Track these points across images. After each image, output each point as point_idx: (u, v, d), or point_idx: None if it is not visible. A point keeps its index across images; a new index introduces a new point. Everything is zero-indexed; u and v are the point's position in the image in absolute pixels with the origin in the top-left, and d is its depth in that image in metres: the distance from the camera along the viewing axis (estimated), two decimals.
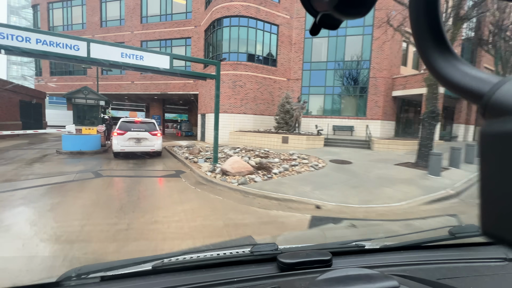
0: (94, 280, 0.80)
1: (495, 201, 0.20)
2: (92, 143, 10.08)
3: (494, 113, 0.21)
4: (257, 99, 15.72)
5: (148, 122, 10.04)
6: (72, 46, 5.62)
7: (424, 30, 0.28)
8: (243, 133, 13.48)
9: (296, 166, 7.20)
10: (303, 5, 0.35)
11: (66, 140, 9.60)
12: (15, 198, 4.43)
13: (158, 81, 20.04)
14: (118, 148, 8.85)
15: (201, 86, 17.96)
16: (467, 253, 1.01)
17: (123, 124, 9.20)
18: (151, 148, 9.30)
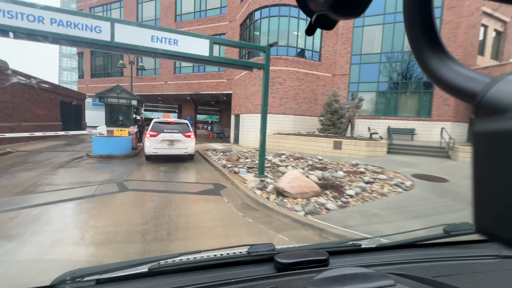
0: (89, 283, 0.77)
1: (488, 199, 0.21)
2: (122, 146, 9.21)
3: (486, 112, 0.22)
4: (298, 98, 13.93)
5: (181, 123, 8.97)
6: (93, 28, 4.47)
7: (418, 30, 0.28)
8: (284, 137, 11.77)
9: (371, 183, 5.30)
10: (299, 5, 0.36)
11: (96, 142, 8.83)
12: (13, 224, 3.30)
13: (191, 81, 19.31)
14: (151, 151, 8.05)
15: (235, 85, 16.70)
16: (461, 251, 1.02)
17: (156, 125, 8.31)
18: (184, 151, 8.43)
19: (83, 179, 5.90)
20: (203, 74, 18.82)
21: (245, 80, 14.94)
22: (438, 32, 0.29)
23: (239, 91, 16.02)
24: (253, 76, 14.13)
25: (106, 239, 2.97)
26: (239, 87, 15.98)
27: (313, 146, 10.64)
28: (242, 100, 15.42)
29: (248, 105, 14.55)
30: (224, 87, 18.11)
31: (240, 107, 15.80)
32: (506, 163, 0.19)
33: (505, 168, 0.19)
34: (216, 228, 3.44)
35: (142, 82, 21.50)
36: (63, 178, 5.87)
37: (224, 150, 10.03)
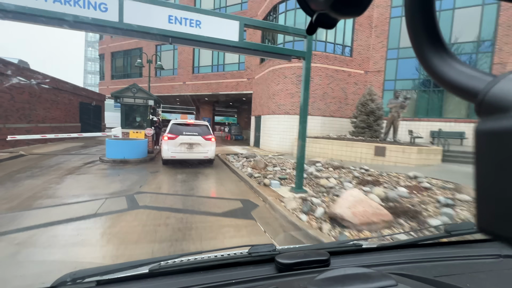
0: (89, 284, 0.76)
1: (490, 199, 0.21)
2: (137, 150, 8.41)
3: (488, 110, 0.22)
4: (327, 97, 12.59)
5: (201, 124, 8.18)
6: (98, 6, 3.55)
7: (419, 28, 0.28)
8: (313, 140, 10.49)
9: (453, 206, 3.95)
10: (299, 4, 0.36)
11: (109, 146, 8.09)
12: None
13: (209, 81, 18.55)
14: (168, 155, 7.45)
15: (256, 85, 15.66)
16: (463, 251, 1.01)
17: (175, 127, 7.69)
18: (204, 156, 7.78)
19: (90, 190, 5.04)
20: (223, 74, 17.97)
21: (267, 78, 13.84)
22: (440, 30, 0.28)
23: (261, 90, 14.95)
24: (277, 73, 13.01)
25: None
26: (261, 87, 14.91)
27: (348, 152, 9.28)
28: (264, 100, 14.33)
29: (271, 106, 13.42)
30: (244, 86, 17.13)
31: (261, 108, 14.72)
32: (509, 162, 0.19)
33: (508, 167, 0.19)
34: None
35: (161, 83, 21.10)
36: (68, 189, 5.05)
37: (247, 156, 8.95)
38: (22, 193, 4.68)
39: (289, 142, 12.62)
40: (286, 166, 7.41)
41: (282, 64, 12.79)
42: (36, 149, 9.83)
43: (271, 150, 13.38)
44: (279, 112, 12.93)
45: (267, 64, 13.99)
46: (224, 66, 18.10)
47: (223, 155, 10.57)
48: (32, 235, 3.03)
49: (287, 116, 12.69)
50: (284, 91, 12.74)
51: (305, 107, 4.96)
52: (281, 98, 12.86)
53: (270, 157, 9.25)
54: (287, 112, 12.69)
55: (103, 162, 7.96)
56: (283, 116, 12.82)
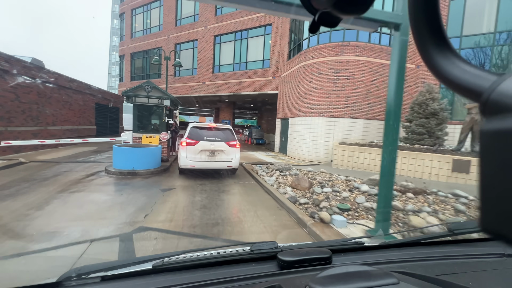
0: (94, 280, 0.77)
1: (494, 198, 0.21)
2: (149, 158, 7.00)
3: (493, 110, 0.21)
4: (371, 97, 10.58)
5: (224, 128, 6.95)
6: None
7: (423, 27, 0.28)
8: (360, 149, 8.50)
9: None
10: (302, 3, 0.35)
11: (116, 154, 6.75)
12: None
13: (231, 80, 17.12)
14: (187, 164, 6.39)
15: (283, 83, 13.94)
16: (465, 249, 1.00)
17: (194, 131, 6.59)
18: (227, 165, 6.66)
19: (76, 222, 3.58)
20: (245, 72, 16.46)
21: (297, 76, 12.08)
22: (444, 29, 0.28)
23: (289, 90, 13.21)
24: (310, 69, 11.21)
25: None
26: (289, 85, 13.17)
27: (411, 165, 7.25)
28: (292, 100, 12.57)
29: (301, 107, 11.63)
30: (269, 86, 15.48)
31: (289, 110, 12.96)
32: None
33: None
34: None
35: (179, 83, 20.06)
36: (47, 219, 3.63)
37: (280, 168, 7.21)
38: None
39: (324, 149, 10.74)
40: (337, 185, 5.59)
41: (315, 59, 10.98)
42: (41, 155, 8.81)
43: (301, 157, 11.57)
44: (312, 114, 11.10)
45: (297, 59, 12.24)
46: (247, 64, 16.59)
47: (248, 165, 8.93)
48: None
49: (322, 119, 10.82)
50: (318, 90, 10.90)
51: (397, 106, 3.13)
52: (314, 98, 11.03)
53: (308, 170, 7.44)
54: (321, 114, 10.84)
55: (108, 173, 6.62)
56: (316, 119, 10.98)
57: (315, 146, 11.05)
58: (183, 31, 19.66)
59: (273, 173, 6.97)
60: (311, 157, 11.17)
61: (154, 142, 8.55)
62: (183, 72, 20.05)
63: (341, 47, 10.41)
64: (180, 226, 3.62)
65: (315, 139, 11.03)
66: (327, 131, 10.74)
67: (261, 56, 15.95)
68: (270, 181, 6.13)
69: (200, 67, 18.73)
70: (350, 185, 5.49)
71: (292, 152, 12.46)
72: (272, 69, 15.31)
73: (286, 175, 6.58)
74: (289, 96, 13.12)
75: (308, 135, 11.30)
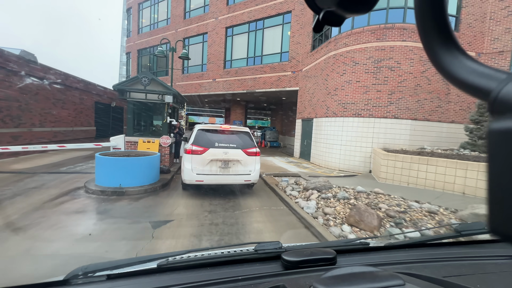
0: (100, 278, 0.78)
1: (503, 199, 0.20)
2: (142, 171, 5.28)
3: (502, 109, 0.21)
4: (420, 92, 8.50)
5: (240, 131, 5.40)
6: None
7: (430, 25, 0.27)
8: (423, 159, 6.38)
9: None
10: (306, 2, 0.35)
11: (100, 166, 5.07)
12: None
13: (244, 76, 15.34)
14: (192, 179, 4.88)
15: (305, 78, 12.01)
16: (473, 251, 0.98)
17: (202, 134, 5.07)
18: (245, 179, 5.16)
19: None
20: (260, 67, 14.64)
21: (325, 68, 10.14)
22: (451, 28, 0.28)
23: (313, 85, 11.27)
24: (342, 59, 9.26)
25: None
26: (313, 80, 11.23)
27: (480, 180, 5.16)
28: (318, 97, 10.63)
29: (331, 105, 9.68)
30: (287, 82, 13.59)
31: (313, 108, 11.02)
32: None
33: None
34: None
35: (187, 81, 18.48)
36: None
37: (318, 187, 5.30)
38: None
39: (360, 156, 8.74)
40: (419, 220, 3.63)
41: (349, 46, 9.02)
42: (19, 163, 7.29)
43: (329, 166, 9.61)
44: (345, 113, 9.14)
45: (324, 49, 10.29)
46: (262, 58, 14.76)
47: (270, 177, 7.09)
48: None
49: (358, 119, 8.84)
50: (353, 84, 8.93)
51: None
52: (348, 94, 9.06)
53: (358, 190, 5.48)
54: (357, 114, 8.85)
55: (88, 192, 4.93)
56: (350, 119, 9.01)
57: (348, 152, 9.07)
58: (192, 24, 18.08)
59: (309, 194, 5.07)
60: (343, 165, 9.19)
61: (153, 148, 6.85)
62: (191, 69, 18.46)
63: (384, 31, 8.41)
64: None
65: (349, 144, 9.05)
66: (365, 134, 8.75)
67: (278, 49, 14.09)
68: (309, 208, 4.25)
69: (210, 62, 17.06)
70: (441, 222, 3.52)
71: (317, 159, 10.51)
72: (292, 62, 13.41)
73: (329, 199, 4.67)
74: (314, 92, 11.19)
75: (339, 138, 9.34)
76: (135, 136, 6.92)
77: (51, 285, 0.76)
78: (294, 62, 13.31)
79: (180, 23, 18.76)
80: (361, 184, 6.89)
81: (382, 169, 6.93)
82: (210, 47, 16.98)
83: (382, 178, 6.94)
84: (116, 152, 5.83)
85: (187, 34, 18.37)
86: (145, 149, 6.75)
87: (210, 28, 16.92)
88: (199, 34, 17.80)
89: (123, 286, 0.76)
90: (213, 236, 3.34)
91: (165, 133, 7.16)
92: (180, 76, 18.86)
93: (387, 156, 6.85)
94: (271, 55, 14.41)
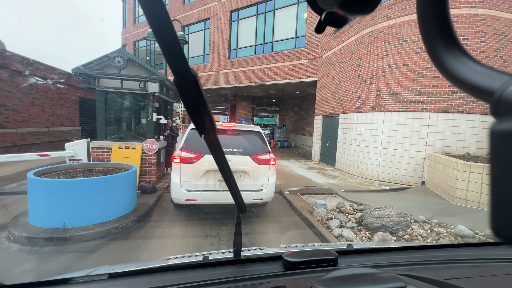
0: (102, 277, 0.78)
1: (506, 201, 0.20)
2: (106, 199, 3.32)
3: (505, 110, 0.21)
4: None
5: (249, 131, 4.07)
6: None
7: (432, 26, 0.27)
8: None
9: None
10: (308, 3, 0.35)
11: (34, 193, 3.08)
12: None
13: (251, 67, 13.29)
14: (182, 197, 3.54)
15: (328, 66, 9.88)
16: (476, 253, 0.97)
17: (196, 135, 3.65)
18: (254, 197, 3.73)
19: None
20: (271, 56, 12.56)
21: (356, 50, 8.02)
22: (453, 28, 0.27)
23: (337, 74, 9.17)
24: (382, 37, 7.16)
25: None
26: (338, 68, 9.12)
27: None
28: (346, 88, 8.53)
29: (365, 96, 7.60)
30: (303, 72, 11.48)
31: (339, 102, 8.93)
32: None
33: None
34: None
35: None
36: None
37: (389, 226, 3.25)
38: None
39: (409, 163, 6.67)
40: None
41: (393, 19, 6.89)
42: None
43: (364, 174, 7.56)
44: (387, 107, 7.05)
45: (356, 27, 8.16)
46: (273, 45, 12.67)
47: (295, 196, 5.08)
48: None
49: (405, 114, 6.75)
50: (399, 69, 6.82)
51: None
52: (391, 82, 6.96)
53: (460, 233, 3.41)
54: (404, 107, 6.76)
55: (10, 239, 2.98)
56: (395, 114, 6.92)
57: (391, 157, 6.99)
58: (192, 9, 16.05)
59: (377, 239, 3.03)
60: (384, 174, 7.13)
61: (134, 157, 4.89)
62: (192, 61, 16.47)
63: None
64: None
65: (392, 146, 6.97)
66: (415, 134, 6.66)
67: (292, 33, 11.97)
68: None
69: (212, 52, 15.03)
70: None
71: (345, 164, 8.44)
72: (309, 48, 11.30)
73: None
74: (339, 82, 9.09)
75: (378, 140, 7.27)
76: (108, 141, 4.96)
77: (53, 284, 0.75)
78: (312, 48, 11.19)
79: (179, 9, 16.74)
80: (424, 205, 4.85)
81: (460, 185, 4.84)
82: (213, 34, 14.94)
83: (459, 198, 4.85)
84: (73, 167, 3.87)
85: (187, 21, 16.35)
86: (121, 158, 4.80)
87: (213, 13, 14.86)
88: (200, 20, 15.77)
89: (124, 285, 0.75)
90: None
91: (151, 136, 5.19)
92: None
93: (467, 167, 4.74)
94: (284, 40, 12.30)
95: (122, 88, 4.86)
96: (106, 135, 5.01)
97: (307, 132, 15.99)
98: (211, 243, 3.09)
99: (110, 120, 5.09)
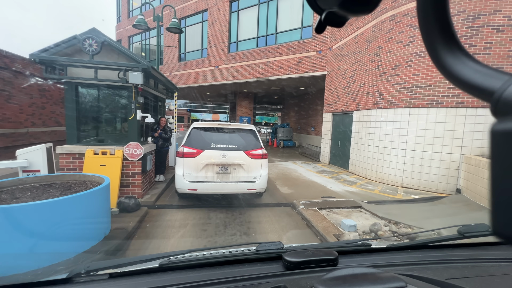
0: (103, 277, 0.77)
1: (507, 201, 0.20)
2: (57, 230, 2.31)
3: (505, 110, 0.21)
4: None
5: (242, 129, 4.49)
6: None
7: (432, 26, 0.27)
8: None
9: None
10: (308, 3, 0.35)
11: None
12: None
13: (253, 61, 12.27)
14: (184, 187, 4.08)
15: (338, 58, 8.88)
16: (476, 253, 0.96)
17: (197, 134, 4.23)
18: (248, 187, 4.27)
19: None
20: (274, 48, 11.54)
21: (374, 39, 7.03)
22: (454, 28, 0.27)
23: (350, 66, 8.18)
24: (405, 22, 6.17)
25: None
26: (351, 59, 8.12)
27: None
28: (362, 81, 7.54)
29: (385, 90, 6.62)
30: (311, 65, 10.48)
31: (353, 97, 7.94)
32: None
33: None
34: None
35: (185, 70, 15.48)
36: None
37: None
38: None
39: (440, 167, 5.71)
40: None
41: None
42: None
43: (385, 179, 6.60)
44: (412, 102, 6.07)
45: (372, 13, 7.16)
46: (277, 36, 11.65)
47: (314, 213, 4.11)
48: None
49: (436, 110, 5.78)
50: (428, 57, 5.82)
51: None
52: (418, 73, 5.99)
53: None
54: (434, 103, 5.79)
55: None
56: (423, 111, 5.95)
57: (418, 161, 6.03)
58: (188, 1, 14.99)
59: None
60: (409, 180, 6.17)
61: (113, 164, 3.92)
62: (189, 55, 15.46)
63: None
64: None
65: (419, 148, 6.00)
66: (448, 133, 5.69)
67: (298, 23, 10.95)
68: None
69: (211, 46, 14.01)
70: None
71: (361, 168, 7.47)
72: (317, 39, 10.29)
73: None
74: (353, 76, 8.10)
75: (402, 140, 6.29)
76: (81, 145, 3.98)
77: (53, 283, 0.75)
78: (320, 39, 10.18)
79: (176, 1, 15.68)
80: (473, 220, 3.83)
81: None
82: (211, 27, 13.91)
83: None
84: (24, 182, 2.89)
85: (183, 13, 15.31)
86: (97, 167, 3.82)
87: (211, 4, 13.82)
88: (197, 12, 14.73)
89: (125, 284, 0.75)
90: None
91: (134, 138, 4.21)
92: (176, 64, 15.86)
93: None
94: (289, 31, 11.28)
95: (96, 79, 3.87)
96: (78, 138, 4.03)
97: (312, 131, 15.01)
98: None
99: (83, 120, 4.12)
